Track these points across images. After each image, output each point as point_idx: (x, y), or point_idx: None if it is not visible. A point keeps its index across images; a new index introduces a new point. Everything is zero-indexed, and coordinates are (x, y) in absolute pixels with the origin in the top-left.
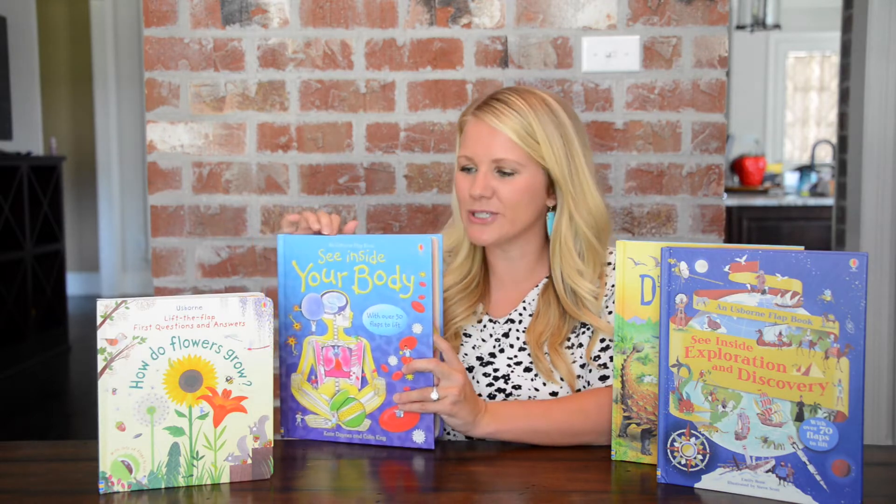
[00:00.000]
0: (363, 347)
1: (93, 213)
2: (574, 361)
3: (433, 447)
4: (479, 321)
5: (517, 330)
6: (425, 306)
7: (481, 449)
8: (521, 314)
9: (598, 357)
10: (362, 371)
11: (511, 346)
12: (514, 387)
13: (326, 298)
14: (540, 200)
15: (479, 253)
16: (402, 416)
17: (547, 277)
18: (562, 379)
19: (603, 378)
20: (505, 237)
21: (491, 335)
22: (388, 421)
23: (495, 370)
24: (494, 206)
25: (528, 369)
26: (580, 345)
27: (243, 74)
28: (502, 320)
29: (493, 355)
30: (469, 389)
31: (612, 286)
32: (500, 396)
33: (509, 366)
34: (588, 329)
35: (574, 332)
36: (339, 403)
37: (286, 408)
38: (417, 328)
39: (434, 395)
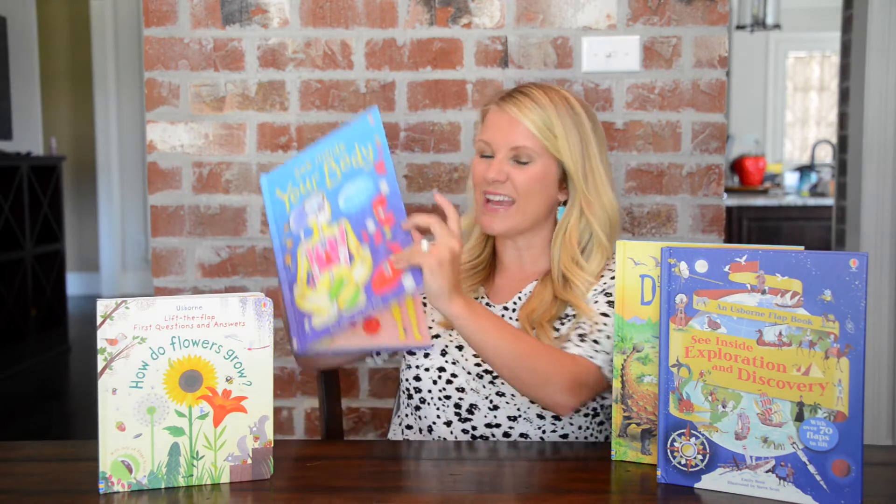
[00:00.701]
0: (344, 229)
1: (93, 213)
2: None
3: (421, 284)
4: (486, 304)
5: (510, 318)
6: (386, 166)
7: (481, 449)
8: (515, 303)
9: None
10: (349, 250)
11: None
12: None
13: (307, 205)
14: (552, 192)
15: (490, 240)
16: (389, 273)
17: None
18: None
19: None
20: (516, 228)
21: None
22: (378, 284)
23: None
24: (508, 190)
25: None
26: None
27: (243, 74)
28: (499, 306)
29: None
30: (457, 262)
31: (605, 283)
32: (488, 377)
33: None
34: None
35: (566, 317)
36: (337, 290)
37: (293, 323)
38: (384, 187)
39: (424, 246)
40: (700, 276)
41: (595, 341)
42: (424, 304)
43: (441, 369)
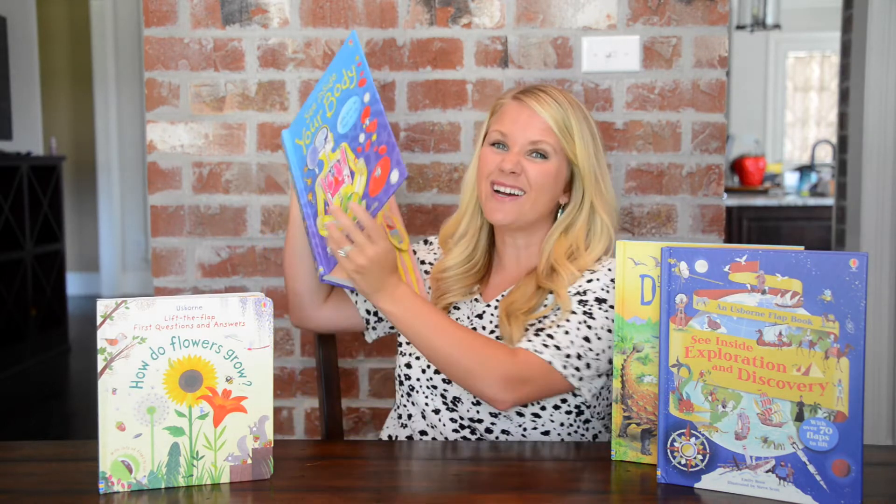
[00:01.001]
0: (344, 151)
1: (93, 213)
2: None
3: (406, 174)
4: (477, 299)
5: (491, 314)
6: (367, 79)
7: (481, 449)
8: (498, 300)
9: (535, 324)
10: (349, 168)
11: (483, 328)
12: None
13: (317, 140)
14: (559, 191)
15: (483, 237)
16: (379, 174)
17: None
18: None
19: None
20: (522, 219)
21: (472, 312)
22: (374, 187)
23: None
24: (521, 183)
25: None
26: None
27: (243, 74)
28: (483, 304)
29: None
30: (378, 264)
31: (580, 284)
32: None
33: None
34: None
35: (542, 318)
36: (345, 208)
37: (318, 251)
38: (367, 97)
39: (342, 252)
40: (700, 276)
41: (549, 335)
42: (424, 267)
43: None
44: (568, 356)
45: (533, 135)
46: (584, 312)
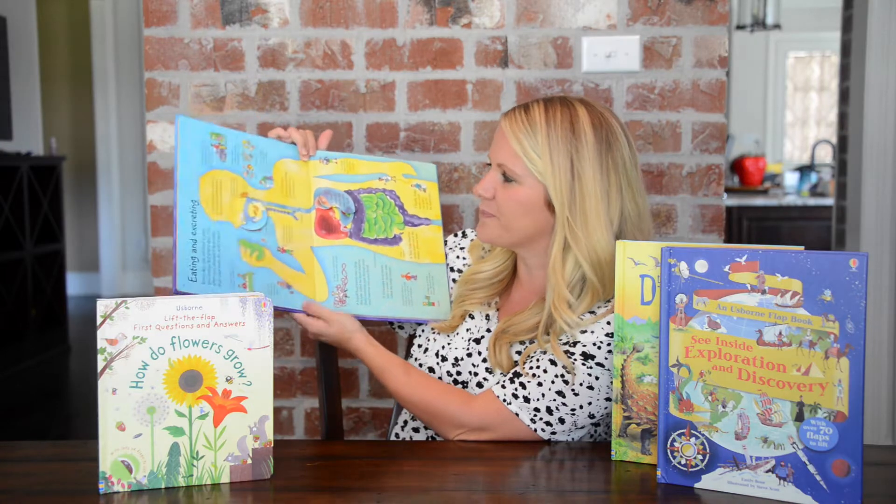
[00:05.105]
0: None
1: (93, 213)
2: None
3: None
4: (488, 316)
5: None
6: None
7: (481, 449)
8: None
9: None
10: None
11: (479, 353)
12: (466, 372)
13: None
14: (539, 216)
15: (513, 253)
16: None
17: None
18: (501, 373)
19: (514, 377)
20: (500, 240)
21: (479, 330)
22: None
23: (456, 362)
24: (493, 208)
25: (489, 370)
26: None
27: (243, 74)
28: (497, 320)
29: (459, 359)
30: (327, 335)
31: (582, 332)
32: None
33: (473, 373)
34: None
35: (534, 356)
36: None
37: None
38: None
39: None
40: (700, 276)
41: (522, 385)
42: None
43: (431, 369)
44: (537, 410)
45: (500, 157)
46: (564, 366)
